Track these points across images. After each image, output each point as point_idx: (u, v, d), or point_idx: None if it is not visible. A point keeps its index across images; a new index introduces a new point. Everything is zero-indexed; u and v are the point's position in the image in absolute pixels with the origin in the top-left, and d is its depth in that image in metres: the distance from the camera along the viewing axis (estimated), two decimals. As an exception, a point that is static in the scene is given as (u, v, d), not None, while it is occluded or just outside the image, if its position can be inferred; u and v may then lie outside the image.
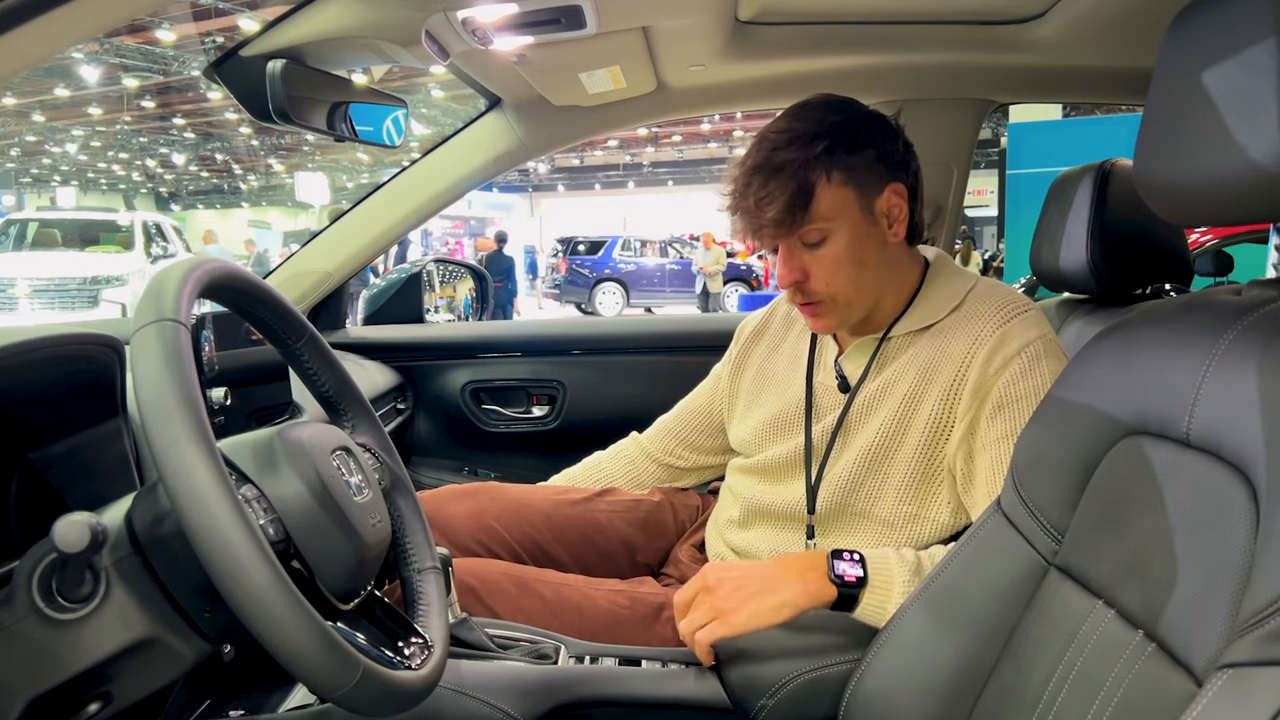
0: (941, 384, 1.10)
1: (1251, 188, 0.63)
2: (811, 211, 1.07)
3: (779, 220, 1.07)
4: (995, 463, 1.06)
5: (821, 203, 1.07)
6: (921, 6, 1.54)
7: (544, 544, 1.32)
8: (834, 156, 1.07)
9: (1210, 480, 0.64)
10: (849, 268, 1.10)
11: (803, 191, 1.06)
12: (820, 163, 1.07)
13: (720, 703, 1.00)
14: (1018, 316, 1.10)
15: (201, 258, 0.73)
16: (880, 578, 1.00)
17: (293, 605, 0.61)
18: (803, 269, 1.11)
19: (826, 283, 1.11)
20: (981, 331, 1.10)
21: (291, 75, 1.24)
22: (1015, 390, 1.06)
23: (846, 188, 1.09)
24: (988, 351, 1.08)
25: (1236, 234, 4.47)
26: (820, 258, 1.10)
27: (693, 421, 1.45)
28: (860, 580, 0.99)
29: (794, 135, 1.08)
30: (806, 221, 1.07)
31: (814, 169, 1.07)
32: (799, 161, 1.07)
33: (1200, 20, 0.68)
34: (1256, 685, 0.50)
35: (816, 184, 1.07)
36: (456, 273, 2.71)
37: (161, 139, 23.27)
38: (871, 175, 1.10)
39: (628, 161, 26.15)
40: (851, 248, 1.10)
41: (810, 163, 1.07)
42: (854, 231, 1.10)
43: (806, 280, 1.11)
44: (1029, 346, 1.07)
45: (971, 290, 1.16)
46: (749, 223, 1.10)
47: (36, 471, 0.84)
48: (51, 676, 0.65)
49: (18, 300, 8.99)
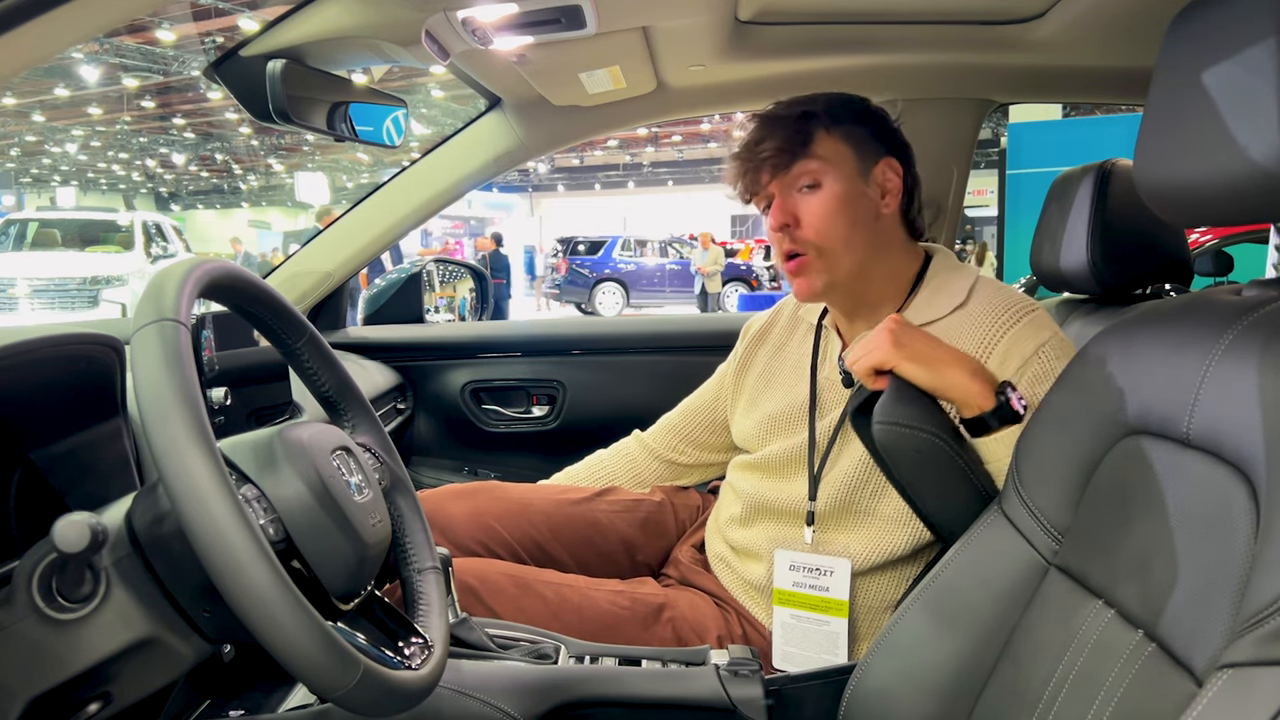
0: None
1: (1251, 188, 0.63)
2: (809, 153, 1.14)
3: (776, 156, 1.13)
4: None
5: (819, 146, 1.14)
6: (921, 6, 1.54)
7: (544, 544, 1.32)
8: (834, 117, 1.16)
9: (1210, 480, 0.64)
10: (840, 220, 1.14)
11: (801, 134, 1.14)
12: (821, 117, 1.15)
13: (720, 703, 1.00)
14: (1026, 317, 1.10)
15: (201, 258, 0.73)
16: None
17: (293, 605, 0.61)
18: (794, 213, 1.14)
19: (816, 229, 1.14)
20: (990, 333, 1.10)
21: (291, 75, 1.24)
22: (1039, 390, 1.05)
23: (844, 144, 1.15)
24: (1000, 355, 1.08)
25: (1236, 234, 4.47)
26: (812, 203, 1.14)
27: (697, 418, 1.45)
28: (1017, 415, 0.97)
29: (799, 99, 1.18)
30: (801, 164, 1.13)
31: (815, 119, 1.15)
32: (801, 112, 1.15)
33: (1200, 20, 0.68)
34: (1257, 685, 0.50)
35: (815, 131, 1.14)
36: (456, 273, 2.70)
37: (161, 139, 23.26)
38: (868, 145, 1.17)
39: (628, 161, 26.15)
40: (844, 200, 1.14)
41: (812, 114, 1.15)
42: (848, 186, 1.14)
43: (797, 225, 1.14)
44: (1044, 347, 1.08)
45: (974, 288, 1.16)
46: (746, 167, 1.16)
47: (36, 471, 0.84)
48: (51, 676, 0.65)
49: (18, 300, 8.99)
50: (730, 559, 1.27)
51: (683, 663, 1.05)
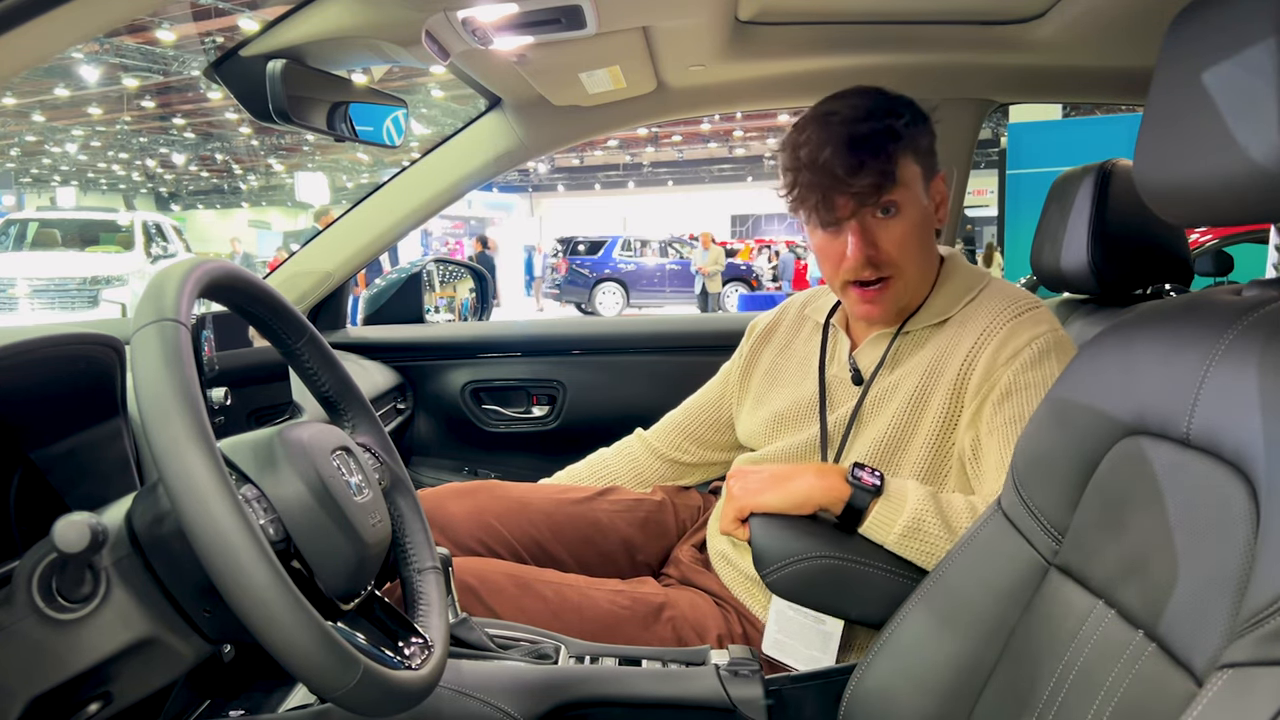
0: (949, 377, 1.13)
1: (1251, 188, 0.63)
2: (896, 179, 1.09)
3: (869, 189, 1.08)
4: (1004, 447, 1.07)
5: (903, 172, 1.10)
6: (921, 6, 1.54)
7: (544, 543, 1.32)
8: (910, 130, 1.11)
9: (1210, 480, 0.64)
10: (916, 245, 1.13)
11: (890, 160, 1.09)
12: (901, 135, 1.10)
13: (720, 703, 1.00)
14: (1028, 312, 1.13)
15: (201, 258, 0.73)
16: (895, 492, 1.03)
17: (293, 605, 0.61)
18: (874, 243, 1.12)
19: (899, 255, 1.12)
20: (991, 325, 1.12)
21: (291, 75, 1.24)
22: (1023, 379, 1.08)
23: (915, 164, 1.12)
24: (997, 343, 1.11)
25: (1236, 234, 4.47)
26: (894, 229, 1.12)
27: (701, 416, 1.45)
28: (875, 488, 1.02)
29: (870, 109, 1.11)
30: (890, 190, 1.09)
31: (897, 141, 1.09)
32: (886, 130, 1.09)
33: (1200, 20, 0.68)
34: (1257, 685, 0.50)
35: (899, 156, 1.10)
36: (456, 273, 2.70)
37: (161, 139, 23.27)
38: (929, 160, 1.15)
39: (628, 161, 26.16)
40: (918, 223, 1.13)
41: (897, 131, 1.09)
42: (920, 208, 1.13)
43: (877, 253, 1.12)
44: (1038, 339, 1.10)
45: (984, 288, 1.19)
46: (828, 193, 1.09)
47: (36, 471, 0.84)
48: (51, 676, 0.65)
49: (18, 300, 8.98)
50: (731, 555, 1.27)
51: (683, 663, 1.05)
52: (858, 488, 1.02)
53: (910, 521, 1.01)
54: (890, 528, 1.01)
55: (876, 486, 1.03)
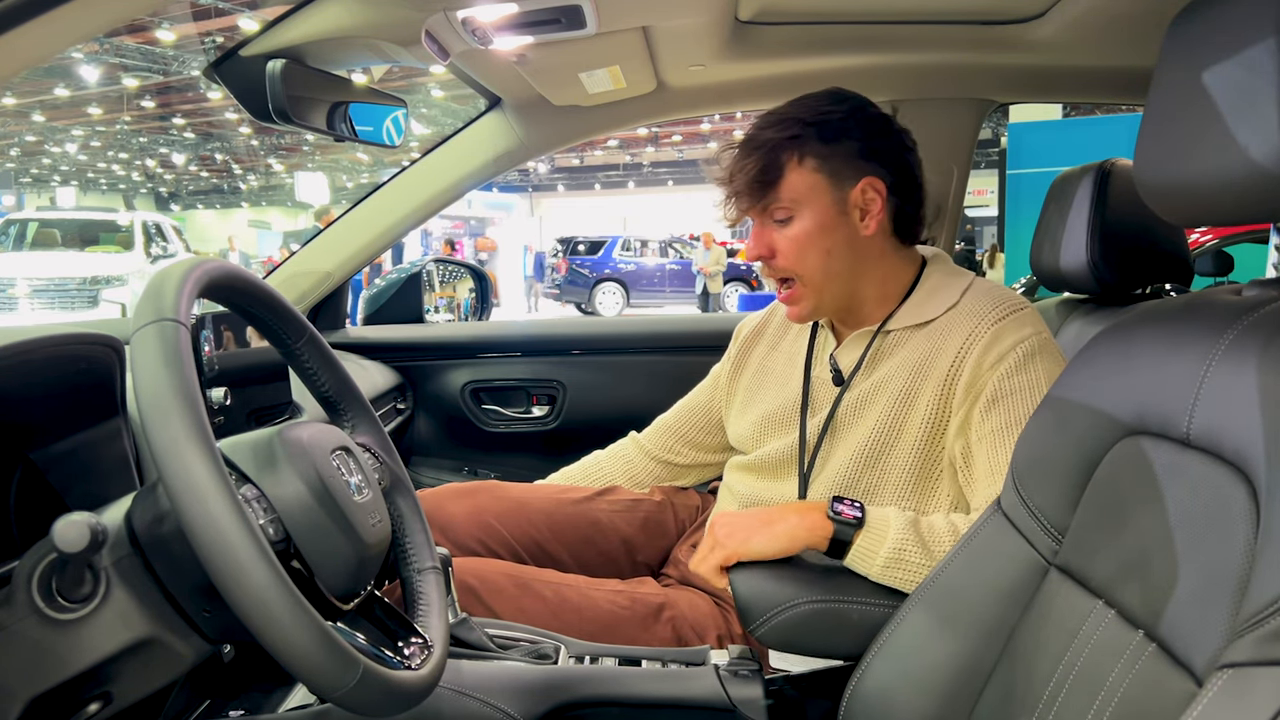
0: (936, 380, 1.11)
1: (1251, 188, 0.63)
2: (778, 190, 1.13)
3: (746, 192, 1.14)
4: (992, 455, 1.07)
5: (789, 183, 1.13)
6: (921, 6, 1.54)
7: (544, 543, 1.32)
8: (806, 143, 1.12)
9: (1210, 480, 0.64)
10: (814, 253, 1.15)
11: (771, 169, 1.12)
12: (793, 145, 1.12)
13: (720, 703, 1.00)
14: (1012, 314, 1.11)
15: (201, 258, 0.73)
16: (877, 522, 1.02)
17: (292, 605, 0.61)
18: (769, 245, 1.16)
19: (791, 261, 1.15)
20: (976, 328, 1.11)
21: (291, 75, 1.24)
22: (1009, 384, 1.08)
23: (818, 175, 1.13)
24: (982, 347, 1.10)
25: (1236, 234, 4.47)
26: (787, 236, 1.15)
27: (692, 419, 1.45)
28: (857, 520, 1.02)
29: (780, 118, 1.15)
30: (773, 199, 1.13)
31: (785, 150, 1.13)
32: (774, 142, 1.13)
33: (1200, 20, 0.68)
34: (1257, 685, 0.50)
35: (786, 165, 1.13)
36: (456, 273, 2.70)
37: (161, 139, 23.26)
38: (847, 167, 1.14)
39: (628, 161, 26.14)
40: (817, 233, 1.14)
41: (783, 144, 1.12)
42: (821, 218, 1.14)
43: (773, 256, 1.16)
44: (1023, 343, 1.09)
45: (968, 289, 1.17)
46: (725, 190, 1.16)
47: (36, 471, 0.84)
48: (52, 676, 0.65)
49: (18, 300, 8.98)
50: (731, 558, 1.27)
51: (682, 663, 1.05)
52: (839, 523, 1.02)
53: (892, 552, 1.00)
54: (874, 559, 1.01)
55: (858, 519, 1.02)
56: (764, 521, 1.04)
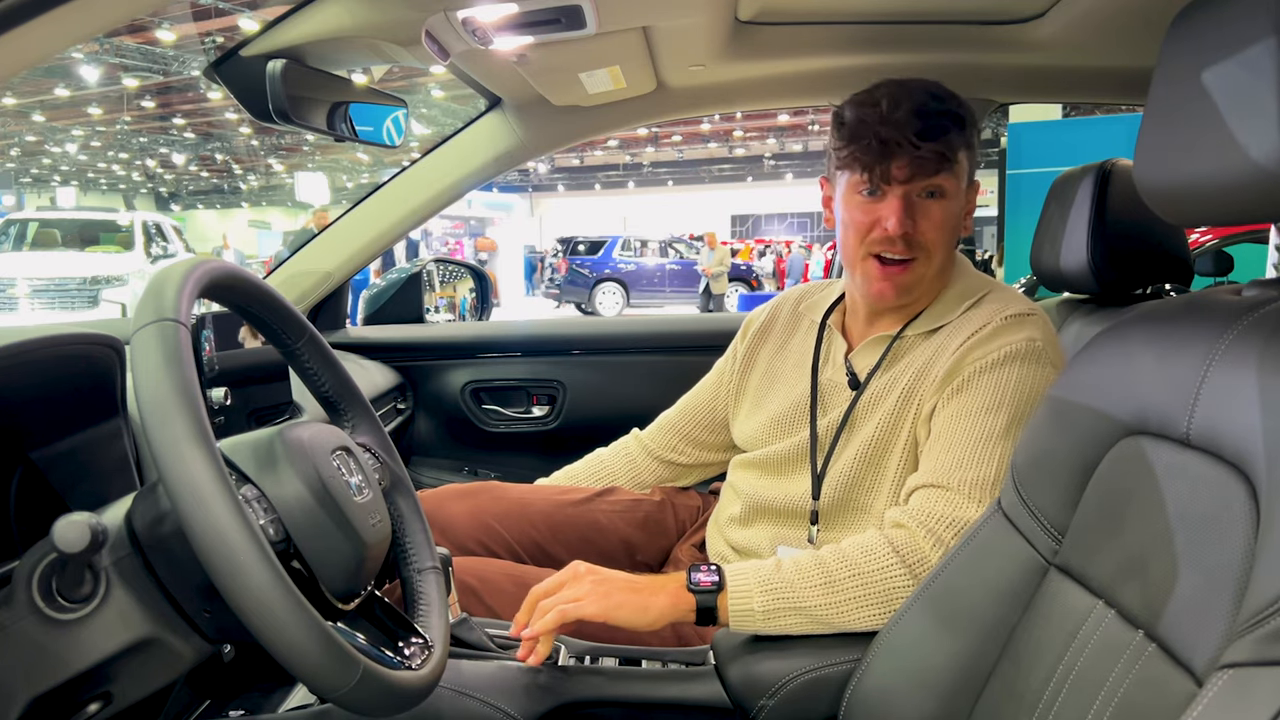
0: (932, 377, 1.12)
1: (1251, 188, 0.63)
2: (955, 162, 1.13)
3: (930, 160, 1.10)
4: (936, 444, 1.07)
5: (960, 160, 1.14)
6: (921, 6, 1.54)
7: (544, 544, 1.32)
8: (971, 129, 1.15)
9: (1210, 480, 0.64)
10: (948, 233, 1.15)
11: (953, 145, 1.12)
12: (967, 128, 1.14)
13: (720, 703, 1.00)
14: (1016, 317, 1.12)
15: (201, 258, 0.73)
16: (737, 581, 1.00)
17: (293, 605, 0.61)
18: (913, 220, 1.13)
19: (934, 236, 1.14)
20: (980, 329, 1.12)
21: (291, 75, 1.24)
22: (980, 380, 1.08)
23: (967, 162, 1.16)
24: (974, 343, 1.11)
25: (1236, 234, 4.47)
26: (935, 211, 1.14)
27: (696, 417, 1.45)
28: (716, 585, 1.00)
29: (945, 94, 1.14)
30: (948, 170, 1.12)
31: (964, 130, 1.14)
32: (956, 116, 1.13)
33: (1200, 20, 0.68)
34: (1257, 685, 0.50)
35: (960, 144, 1.13)
36: (456, 273, 2.71)
37: (161, 139, 23.26)
38: (973, 164, 1.18)
39: (628, 161, 26.15)
40: (955, 216, 1.16)
41: (968, 125, 1.14)
42: (960, 203, 1.16)
43: (915, 230, 1.13)
44: (1011, 344, 1.09)
45: (986, 294, 1.19)
46: (892, 151, 1.10)
47: (36, 471, 0.84)
48: (52, 676, 0.65)
49: (18, 300, 8.98)
50: (730, 558, 1.27)
51: (683, 663, 1.05)
52: (700, 593, 1.00)
53: (765, 604, 0.99)
54: (751, 617, 0.99)
55: (716, 584, 1.00)
56: (635, 591, 1.00)
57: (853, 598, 0.99)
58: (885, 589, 0.99)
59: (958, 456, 1.04)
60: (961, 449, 1.05)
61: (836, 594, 1.00)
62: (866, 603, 0.99)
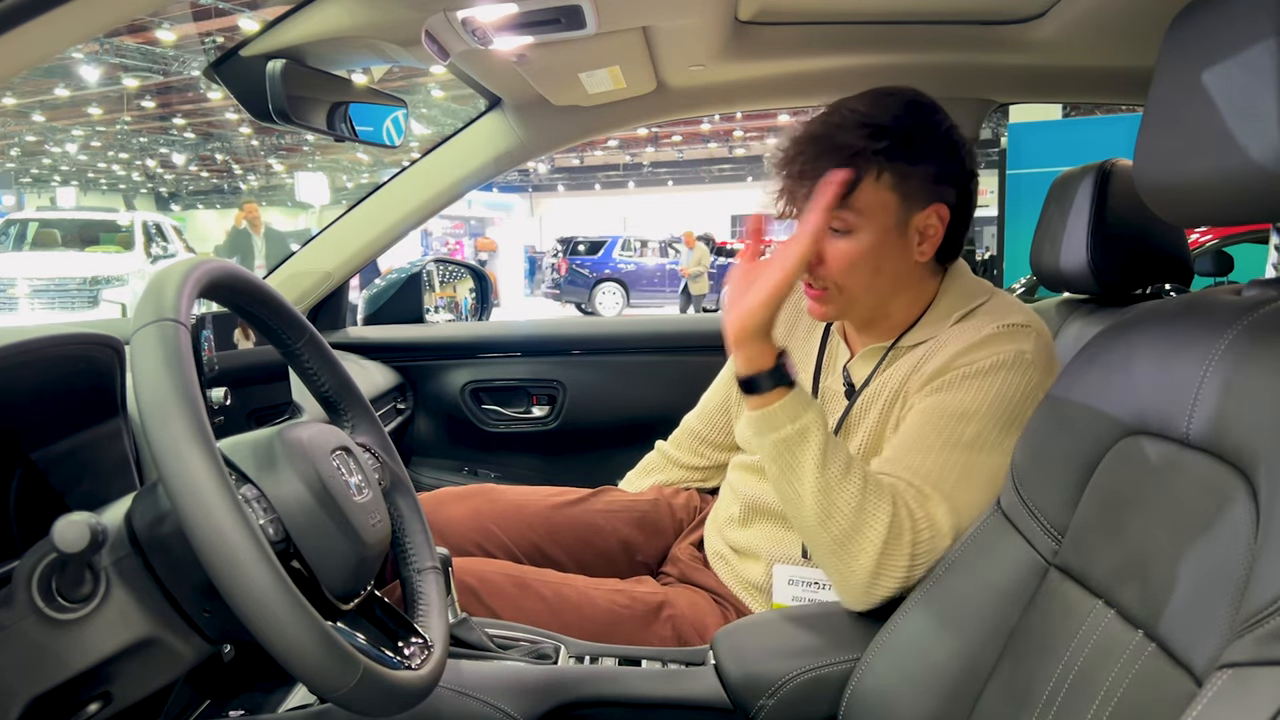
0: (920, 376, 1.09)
1: (1251, 188, 0.63)
2: (849, 202, 1.04)
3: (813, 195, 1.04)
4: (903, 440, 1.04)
5: (861, 197, 1.05)
6: (921, 6, 1.54)
7: (542, 545, 1.32)
8: (891, 160, 1.05)
9: (1210, 480, 0.64)
10: (865, 270, 1.09)
11: (867, 173, 1.04)
12: (876, 159, 1.04)
13: (720, 703, 1.00)
14: (1008, 329, 1.07)
15: (201, 258, 0.73)
16: (795, 409, 0.98)
17: (293, 605, 0.61)
18: (820, 254, 1.08)
19: (840, 274, 1.09)
20: (970, 338, 1.08)
21: (291, 75, 1.24)
22: (963, 385, 1.04)
23: (892, 194, 1.06)
24: (965, 348, 1.06)
25: (1236, 234, 4.46)
26: (840, 249, 1.07)
27: (711, 420, 1.45)
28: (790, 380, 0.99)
29: (864, 120, 1.05)
30: (840, 208, 1.04)
31: (868, 163, 1.04)
32: (857, 149, 1.04)
33: (1200, 20, 0.68)
34: (1257, 685, 0.50)
35: (864, 178, 1.04)
36: (456, 273, 2.70)
37: (161, 139, 23.26)
38: (921, 190, 1.07)
39: (628, 161, 26.14)
40: (873, 252, 1.08)
41: (867, 155, 1.04)
42: (882, 238, 1.07)
43: (821, 265, 1.09)
44: (999, 354, 1.04)
45: (983, 304, 1.14)
46: (785, 187, 1.08)
47: (36, 471, 0.84)
48: (51, 676, 0.65)
49: (18, 300, 8.98)
50: (729, 557, 1.27)
51: (683, 663, 1.05)
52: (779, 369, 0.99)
53: (796, 431, 0.97)
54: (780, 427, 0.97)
55: (790, 379, 0.99)
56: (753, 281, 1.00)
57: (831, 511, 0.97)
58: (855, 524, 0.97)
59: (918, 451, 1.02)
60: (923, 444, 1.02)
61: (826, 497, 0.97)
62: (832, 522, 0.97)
